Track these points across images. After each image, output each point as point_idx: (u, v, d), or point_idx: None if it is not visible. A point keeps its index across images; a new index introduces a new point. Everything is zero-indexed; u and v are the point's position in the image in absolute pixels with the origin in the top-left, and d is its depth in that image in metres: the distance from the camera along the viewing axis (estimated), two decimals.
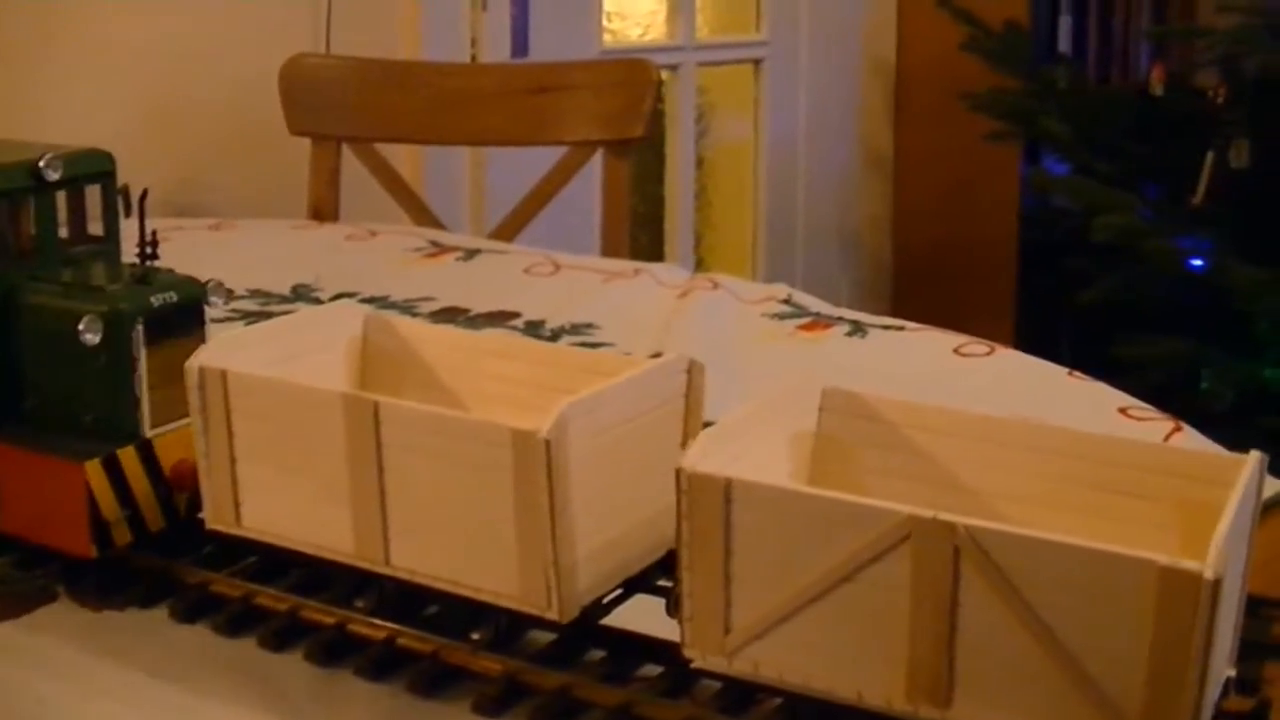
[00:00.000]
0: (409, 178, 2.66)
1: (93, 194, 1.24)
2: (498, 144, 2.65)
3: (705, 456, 0.87)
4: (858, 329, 1.79)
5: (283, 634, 1.06)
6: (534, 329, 1.77)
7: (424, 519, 0.96)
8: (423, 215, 2.55)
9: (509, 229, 2.49)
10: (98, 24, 2.84)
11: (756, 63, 3.97)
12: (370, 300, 1.90)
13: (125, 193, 1.24)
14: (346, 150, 2.56)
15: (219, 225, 2.18)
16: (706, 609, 0.88)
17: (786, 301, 1.90)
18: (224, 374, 1.02)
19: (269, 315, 1.80)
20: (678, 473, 0.86)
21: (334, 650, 1.04)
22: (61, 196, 1.21)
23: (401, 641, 1.02)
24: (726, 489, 0.85)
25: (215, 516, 1.06)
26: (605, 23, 3.65)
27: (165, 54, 2.91)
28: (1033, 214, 4.19)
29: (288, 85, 2.55)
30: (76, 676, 1.05)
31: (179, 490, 1.14)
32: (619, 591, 1.00)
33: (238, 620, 1.08)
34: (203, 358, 1.04)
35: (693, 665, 0.91)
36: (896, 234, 4.30)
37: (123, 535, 1.11)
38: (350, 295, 1.90)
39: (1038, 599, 0.80)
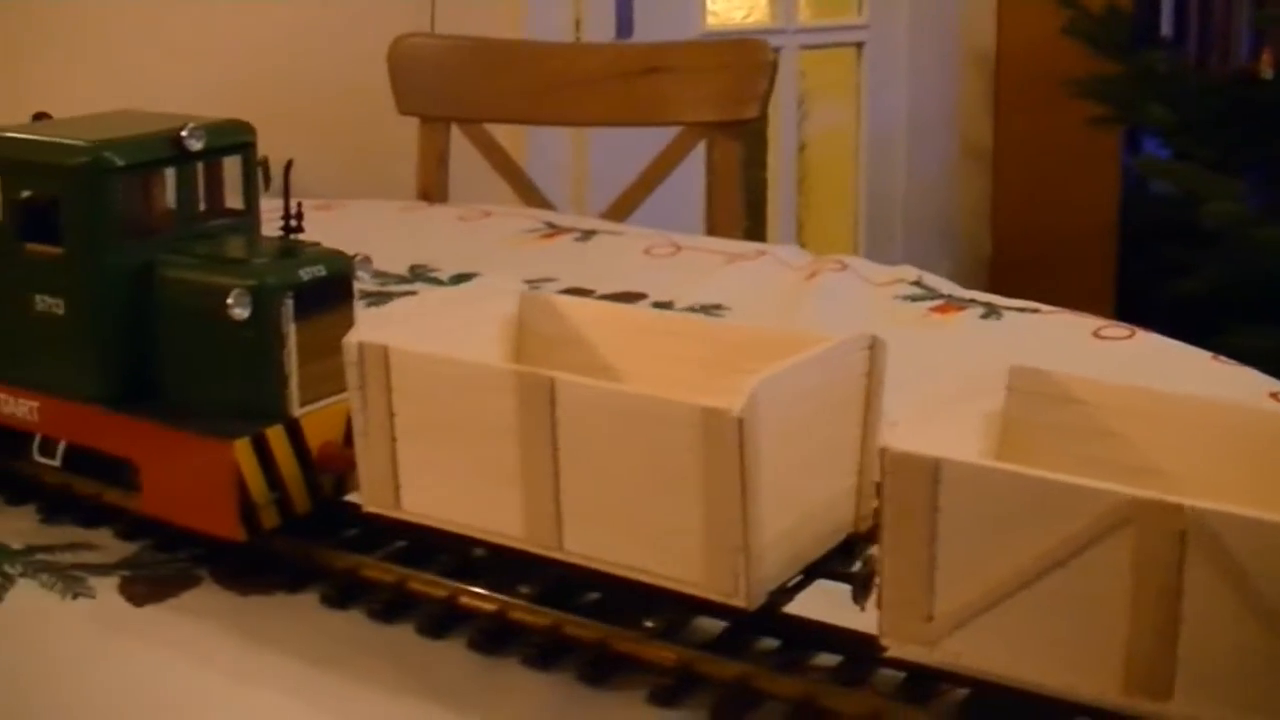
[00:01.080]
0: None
1: (231, 166, 1.20)
2: (607, 124, 2.61)
3: (908, 437, 0.83)
4: (992, 311, 1.74)
5: (441, 621, 1.02)
6: (662, 310, 1.72)
7: (601, 502, 0.92)
8: (532, 196, 2.51)
9: (619, 210, 2.45)
10: (204, 3, 2.81)
11: (858, 46, 3.92)
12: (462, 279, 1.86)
13: (265, 165, 1.20)
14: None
15: (328, 205, 2.14)
16: (907, 595, 0.83)
17: (917, 283, 1.85)
18: (385, 350, 0.98)
19: (389, 296, 1.76)
20: (882, 452, 0.82)
21: (495, 638, 1.00)
22: (201, 168, 1.17)
23: (568, 629, 0.98)
24: (935, 469, 0.80)
25: (373, 499, 1.02)
26: (709, 4, 3.60)
27: (270, 33, 2.88)
28: (1132, 201, 4.12)
29: (396, 65, 2.51)
30: (225, 662, 1.01)
31: (324, 471, 1.11)
32: (799, 578, 0.95)
33: (392, 606, 1.04)
34: (363, 333, 0.99)
35: (887, 654, 0.87)
36: (995, 222, 4.24)
37: (270, 518, 1.07)
38: (469, 276, 1.86)
39: (1268, 586, 0.75)
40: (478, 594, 1.01)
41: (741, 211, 2.39)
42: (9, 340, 1.18)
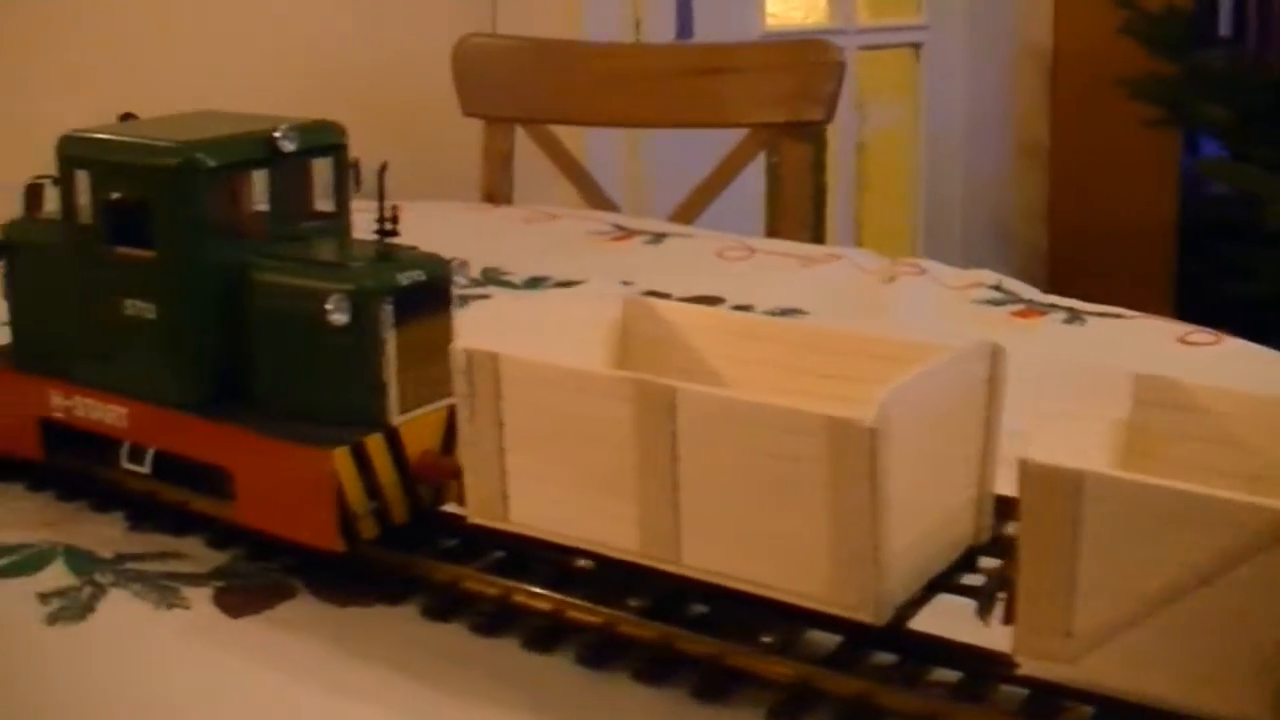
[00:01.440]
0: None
1: (320, 167, 1.18)
2: (672, 126, 2.58)
3: (1043, 448, 0.80)
4: (1075, 316, 1.72)
5: (547, 634, 1.00)
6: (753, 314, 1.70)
7: (721, 514, 0.89)
8: (596, 198, 2.48)
9: (685, 212, 2.43)
10: (267, 4, 2.79)
11: (916, 47, 3.89)
12: (566, 284, 1.83)
13: (357, 166, 1.18)
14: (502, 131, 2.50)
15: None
16: (1045, 611, 0.80)
17: (996, 288, 1.82)
18: (495, 358, 0.95)
19: (464, 300, 1.73)
20: (1021, 465, 0.79)
21: (603, 652, 0.97)
22: (293, 169, 1.15)
23: (679, 644, 0.95)
24: (1077, 483, 0.78)
25: (480, 510, 0.99)
26: (768, 5, 3.57)
27: (333, 34, 2.86)
28: (1190, 201, 4.08)
29: (461, 66, 2.49)
30: (325, 675, 0.99)
31: (422, 481, 1.08)
32: (922, 591, 0.92)
33: (495, 619, 1.02)
34: (471, 340, 0.97)
35: (1020, 671, 0.84)
36: (1052, 223, 4.20)
37: (369, 528, 1.05)
38: (542, 279, 1.84)
39: None
40: (584, 607, 0.99)
41: (810, 214, 2.36)
42: (97, 345, 1.16)
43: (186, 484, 1.15)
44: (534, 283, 1.81)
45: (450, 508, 1.08)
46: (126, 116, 1.20)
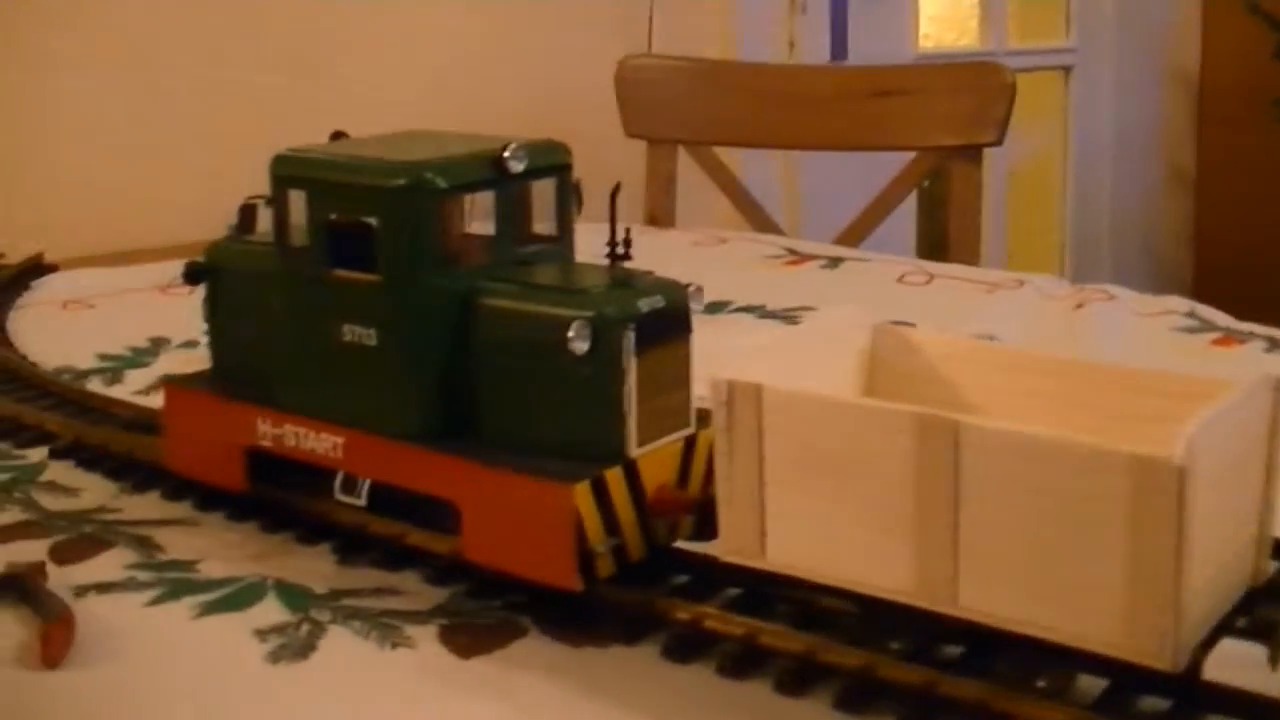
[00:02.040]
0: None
1: (540, 189, 1.13)
2: (837, 149, 2.53)
3: None
4: (1275, 345, 1.65)
5: (798, 676, 0.95)
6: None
7: (1005, 555, 0.84)
8: (759, 220, 2.44)
9: (852, 235, 2.38)
10: (416, 19, 2.75)
11: (1066, 70, 3.82)
12: (747, 309, 1.79)
13: (578, 188, 1.14)
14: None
15: None
16: None
17: (1190, 315, 1.77)
18: (758, 389, 0.91)
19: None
20: None
21: (861, 696, 0.92)
22: (518, 190, 1.11)
23: (943, 688, 0.90)
24: None
25: (734, 548, 0.94)
26: (921, 28, 3.53)
27: (480, 55, 2.83)
28: None
29: (623, 87, 2.46)
30: (565, 717, 0.94)
31: (659, 516, 1.03)
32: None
33: (741, 660, 0.97)
34: (732, 370, 0.92)
35: None
36: (1199, 250, 4.12)
37: (606, 566, 1.01)
38: (723, 304, 1.80)
39: None
40: (840, 649, 0.94)
41: (979, 239, 2.31)
42: (310, 371, 1.12)
43: (401, 517, 1.12)
44: (715, 308, 1.77)
45: (685, 544, 1.03)
46: (337, 135, 1.17)
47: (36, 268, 2.08)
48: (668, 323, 1.04)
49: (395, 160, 1.07)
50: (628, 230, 1.07)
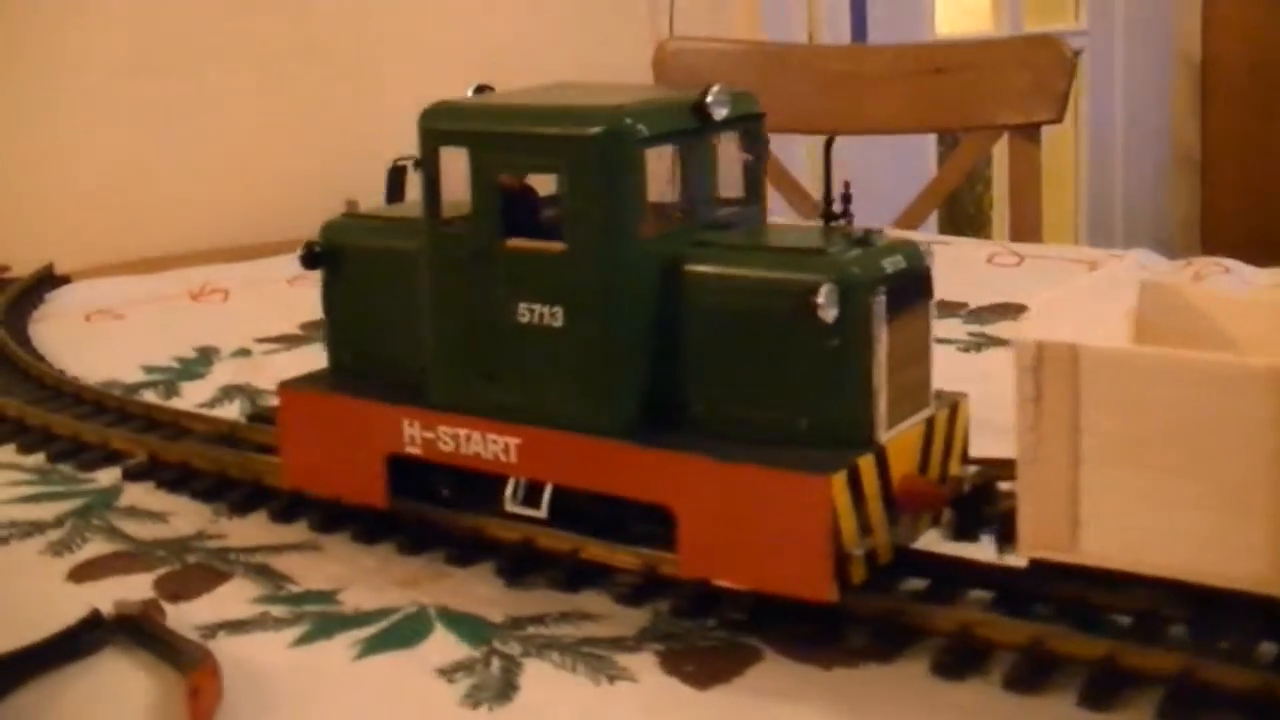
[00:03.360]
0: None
1: (727, 145, 0.97)
2: (892, 131, 2.37)
3: None
4: None
5: (1102, 686, 0.80)
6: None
7: None
8: (803, 203, 2.28)
9: (912, 217, 2.23)
10: (435, 15, 2.58)
11: (1076, 53, 3.70)
12: None
13: (766, 141, 0.98)
14: None
15: None
16: None
17: None
18: (1074, 350, 0.75)
19: None
20: None
21: (1183, 703, 0.77)
22: (711, 143, 0.95)
23: None
24: None
25: (1038, 541, 0.79)
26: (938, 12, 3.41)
27: (497, 47, 2.66)
28: None
29: (662, 70, 2.30)
30: None
31: (907, 512, 0.88)
32: None
33: (1029, 670, 0.82)
34: (1038, 331, 0.77)
35: None
36: (1205, 235, 4.00)
37: (859, 572, 0.85)
38: None
39: None
40: (1146, 653, 0.79)
41: (1040, 218, 2.16)
42: (475, 362, 0.95)
43: (576, 529, 0.96)
44: None
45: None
46: (483, 89, 1.00)
47: (49, 279, 1.90)
48: (912, 286, 0.88)
49: (586, 105, 0.91)
50: (846, 185, 0.91)
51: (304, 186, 2.11)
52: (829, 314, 0.83)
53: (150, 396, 1.41)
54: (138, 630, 0.91)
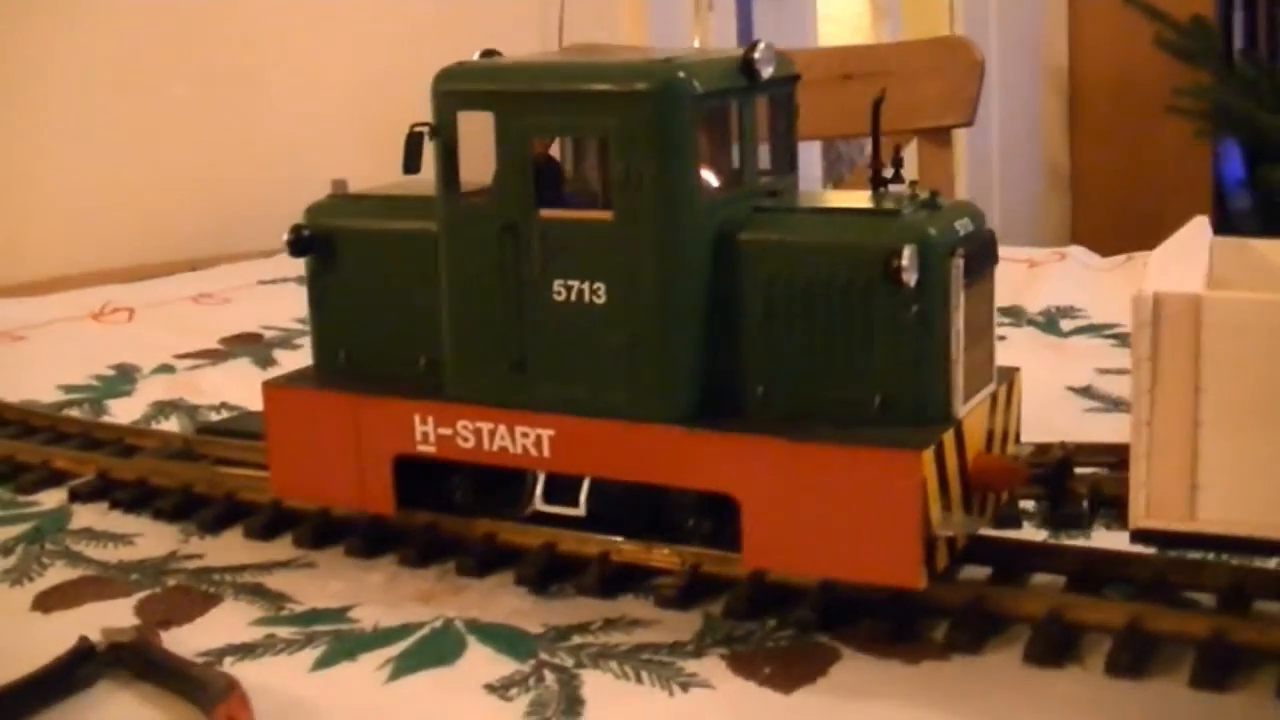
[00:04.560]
0: None
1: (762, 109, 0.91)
2: (803, 138, 2.30)
3: None
4: None
5: (1219, 665, 0.75)
6: (1015, 315, 1.53)
7: None
8: None
9: None
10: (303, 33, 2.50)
11: None
12: None
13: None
14: None
15: None
16: None
17: None
18: (1197, 301, 0.69)
19: None
20: None
21: None
22: (755, 105, 0.88)
23: None
24: None
25: (1153, 510, 0.73)
26: (819, 26, 3.38)
27: (385, 66, 2.57)
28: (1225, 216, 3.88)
29: None
30: None
31: (982, 490, 0.82)
32: None
33: (1128, 655, 0.76)
34: (1158, 283, 0.71)
35: None
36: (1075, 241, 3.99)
37: (943, 556, 0.78)
38: None
39: None
40: (1259, 627, 0.73)
41: None
42: (499, 347, 0.87)
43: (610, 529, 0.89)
44: None
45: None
46: (489, 54, 0.92)
47: None
48: (982, 250, 0.83)
49: (632, 61, 0.84)
50: (897, 148, 0.85)
51: (192, 207, 2.04)
52: (911, 277, 0.77)
53: (77, 415, 1.32)
54: (137, 660, 0.82)
